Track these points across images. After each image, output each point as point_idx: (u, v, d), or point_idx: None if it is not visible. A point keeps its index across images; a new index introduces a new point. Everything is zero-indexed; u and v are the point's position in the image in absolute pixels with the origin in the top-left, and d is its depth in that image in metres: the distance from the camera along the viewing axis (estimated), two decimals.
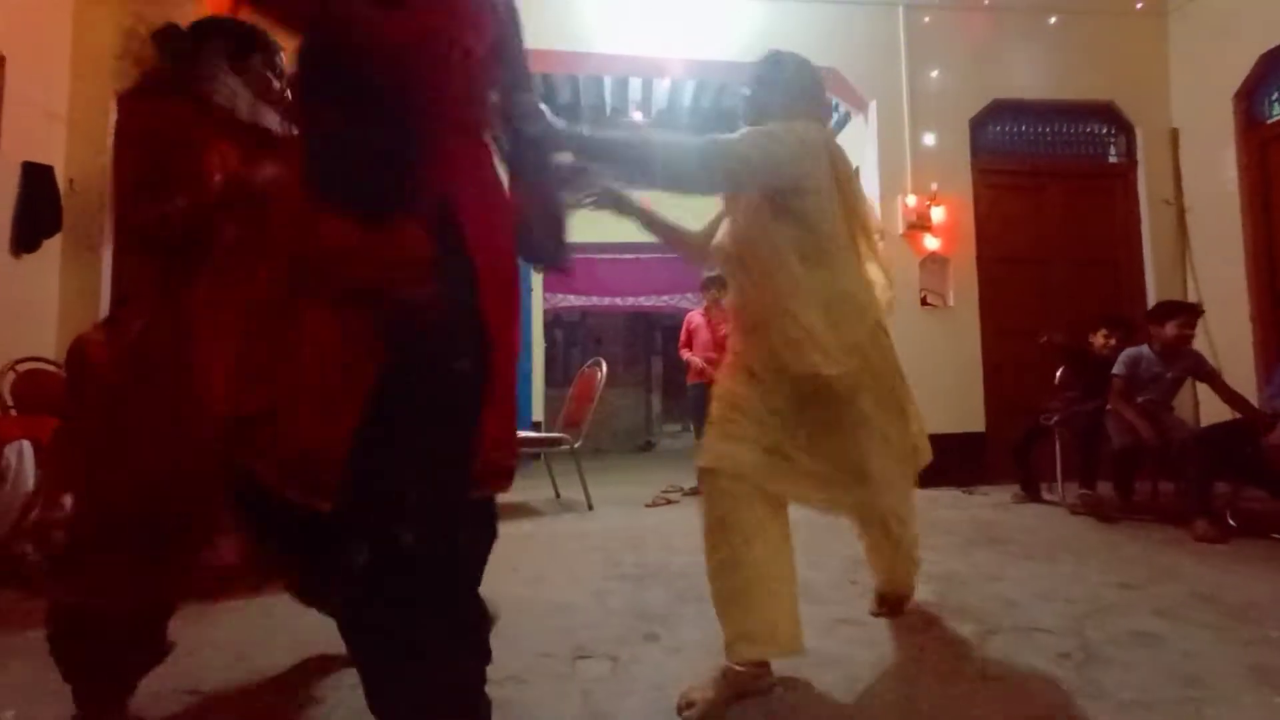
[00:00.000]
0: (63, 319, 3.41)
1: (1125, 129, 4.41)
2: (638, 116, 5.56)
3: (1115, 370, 3.10)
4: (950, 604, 1.83)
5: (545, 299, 7.34)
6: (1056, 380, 3.57)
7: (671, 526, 3.04)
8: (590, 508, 3.52)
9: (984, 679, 1.37)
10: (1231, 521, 2.75)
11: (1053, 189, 4.37)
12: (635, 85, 5.24)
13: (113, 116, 3.68)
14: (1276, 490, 2.81)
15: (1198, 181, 4.17)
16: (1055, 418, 3.40)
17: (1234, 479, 2.92)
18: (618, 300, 7.92)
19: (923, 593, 1.87)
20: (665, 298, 7.91)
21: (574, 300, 7.82)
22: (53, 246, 3.35)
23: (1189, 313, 3.03)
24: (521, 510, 3.50)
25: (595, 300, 7.86)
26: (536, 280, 6.89)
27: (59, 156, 3.48)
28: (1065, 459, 3.50)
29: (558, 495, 3.85)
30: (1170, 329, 2.98)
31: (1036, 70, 4.28)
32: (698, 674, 1.39)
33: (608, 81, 5.17)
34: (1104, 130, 4.47)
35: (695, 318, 4.28)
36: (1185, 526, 2.70)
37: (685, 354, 4.24)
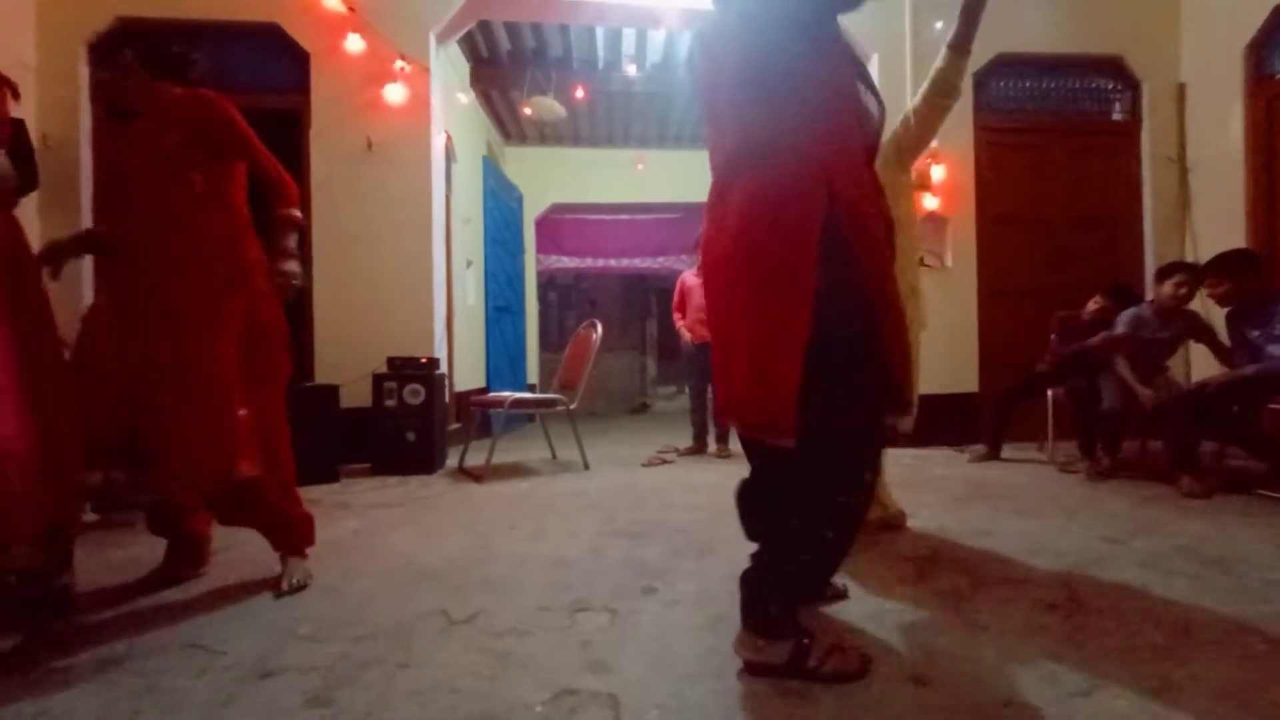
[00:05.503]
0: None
1: (1132, 85, 4.31)
2: (631, 70, 5.37)
3: (1118, 329, 3.11)
4: (942, 557, 1.87)
5: (538, 260, 7.24)
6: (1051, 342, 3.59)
7: (668, 485, 3.07)
8: (586, 467, 3.55)
9: (974, 628, 1.40)
10: (1216, 478, 2.81)
11: (1055, 147, 4.29)
12: (629, 37, 5.04)
13: (84, 70, 3.52)
14: (1257, 449, 2.87)
15: (1202, 139, 4.11)
16: (1043, 369, 3.49)
17: (1219, 439, 2.96)
18: (611, 262, 7.84)
19: (916, 547, 1.90)
20: (659, 259, 7.83)
21: (567, 262, 7.72)
22: (29, 204, 3.24)
23: (1185, 271, 3.05)
24: (518, 470, 3.52)
25: (589, 262, 7.77)
26: (529, 243, 6.78)
27: (30, 111, 3.33)
28: (1056, 418, 3.55)
29: (554, 456, 3.87)
30: (1167, 288, 3.00)
31: (1043, 22, 4.14)
32: (696, 625, 1.42)
33: (600, 33, 4.97)
34: (1110, 86, 4.36)
35: (689, 278, 4.23)
36: (1172, 483, 2.76)
37: (678, 318, 4.21)
